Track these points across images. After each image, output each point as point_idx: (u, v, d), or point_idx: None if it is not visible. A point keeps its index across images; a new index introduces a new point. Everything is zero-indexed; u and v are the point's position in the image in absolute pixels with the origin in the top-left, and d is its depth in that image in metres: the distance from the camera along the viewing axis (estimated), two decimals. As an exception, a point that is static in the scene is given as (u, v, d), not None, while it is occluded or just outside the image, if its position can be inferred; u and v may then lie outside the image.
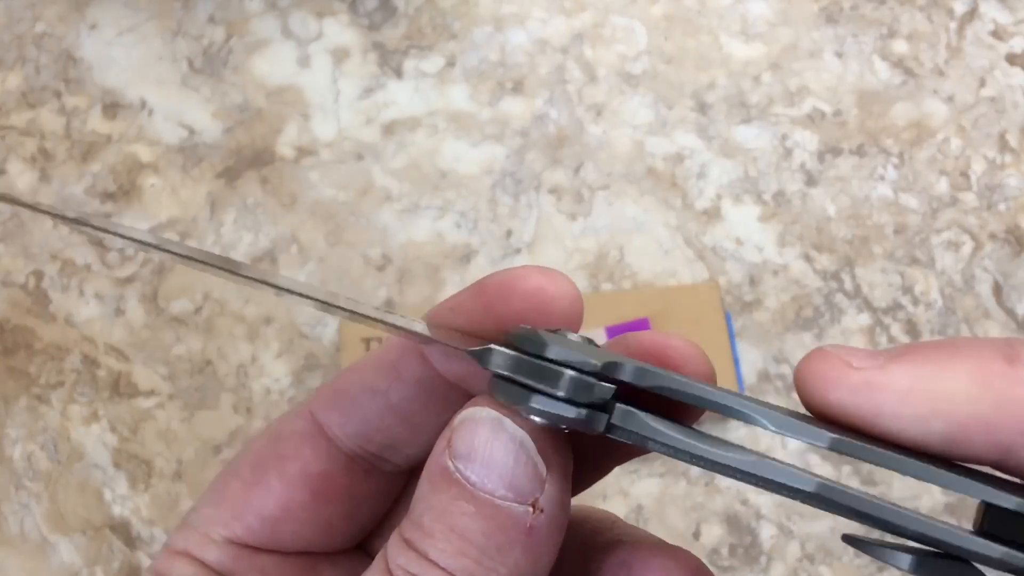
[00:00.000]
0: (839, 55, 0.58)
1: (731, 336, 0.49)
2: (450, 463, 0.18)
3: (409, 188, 0.55)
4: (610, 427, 0.18)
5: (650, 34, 0.59)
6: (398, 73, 0.58)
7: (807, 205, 0.54)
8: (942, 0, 0.59)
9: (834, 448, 0.17)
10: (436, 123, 0.57)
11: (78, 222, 0.21)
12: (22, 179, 0.56)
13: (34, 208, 0.22)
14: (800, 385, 0.17)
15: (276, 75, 0.59)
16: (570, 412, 0.17)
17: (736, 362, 0.49)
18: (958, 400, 0.16)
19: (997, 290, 0.51)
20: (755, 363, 0.50)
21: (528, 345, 0.18)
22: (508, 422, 0.18)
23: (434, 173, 0.55)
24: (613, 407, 0.18)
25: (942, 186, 0.54)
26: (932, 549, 0.16)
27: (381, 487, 0.22)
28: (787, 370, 0.50)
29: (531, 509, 0.18)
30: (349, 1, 0.61)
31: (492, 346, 0.18)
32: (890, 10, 0.59)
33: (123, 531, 0.48)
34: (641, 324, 0.49)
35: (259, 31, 0.60)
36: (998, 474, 0.17)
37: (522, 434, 0.18)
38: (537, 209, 0.54)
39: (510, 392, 0.18)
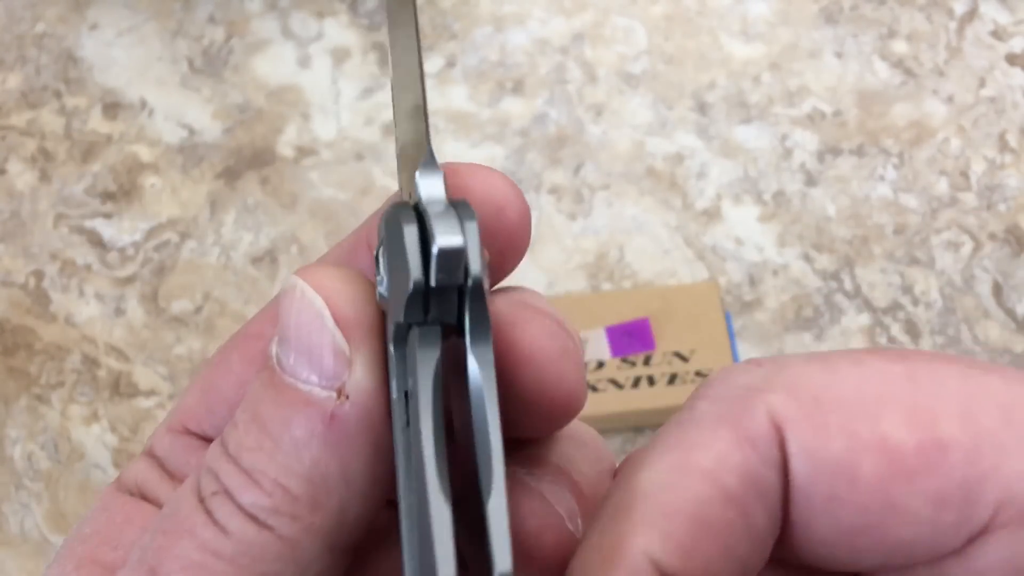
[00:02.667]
0: (839, 55, 0.58)
1: (731, 336, 0.49)
2: (274, 346, 0.17)
3: (409, 188, 0.55)
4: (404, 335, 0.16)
5: (650, 34, 0.59)
6: (398, 73, 0.58)
7: (807, 205, 0.54)
8: (942, 0, 0.59)
9: None
10: (436, 123, 0.57)
11: None
12: (22, 179, 0.56)
13: None
14: None
15: (276, 75, 0.59)
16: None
17: (737, 362, 0.49)
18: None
19: (997, 290, 0.51)
20: (755, 363, 0.50)
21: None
22: (307, 288, 0.16)
23: (434, 173, 0.55)
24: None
25: (942, 186, 0.54)
26: None
27: None
28: (787, 370, 0.50)
29: (335, 395, 0.16)
30: (349, 1, 0.61)
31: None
32: (890, 10, 0.59)
33: (123, 531, 0.48)
34: (641, 324, 0.49)
35: (259, 31, 0.60)
36: None
37: (319, 301, 0.16)
38: (537, 209, 0.54)
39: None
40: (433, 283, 0.15)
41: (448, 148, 0.56)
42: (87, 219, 0.55)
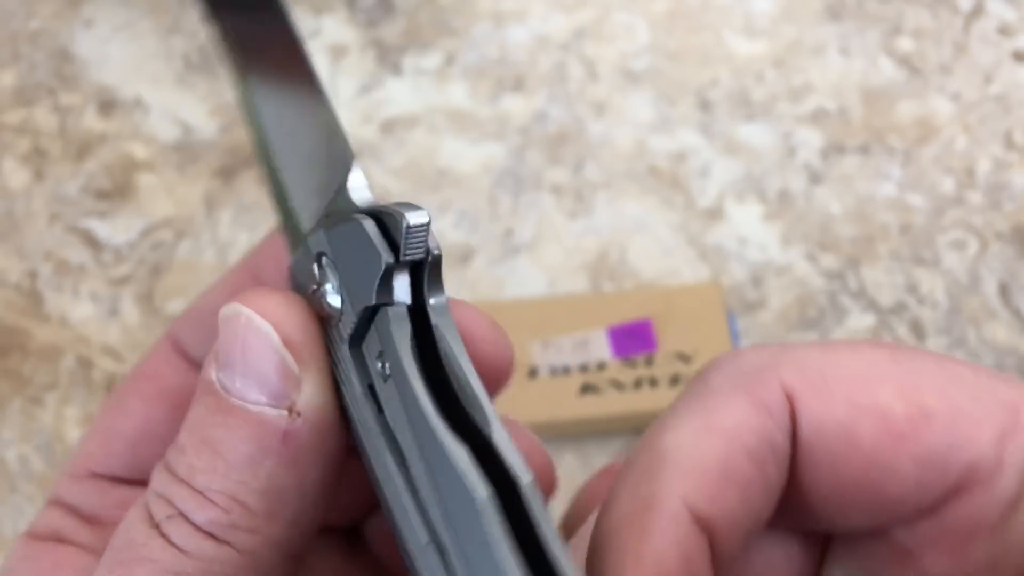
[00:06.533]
0: (843, 52, 0.58)
1: (734, 337, 0.49)
2: (213, 372, 0.17)
3: (408, 187, 0.54)
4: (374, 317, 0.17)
5: (652, 31, 0.59)
6: (396, 70, 0.58)
7: (811, 204, 0.53)
8: (947, -4, 0.59)
9: None
10: (435, 121, 0.56)
11: None
12: (15, 178, 0.56)
13: None
14: None
15: (273, 72, 0.58)
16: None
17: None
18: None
19: (1003, 290, 0.51)
20: (758, 364, 0.49)
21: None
22: (252, 314, 0.17)
23: (433, 172, 0.55)
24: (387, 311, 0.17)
25: (948, 185, 0.54)
26: None
27: None
28: (791, 371, 0.49)
29: (286, 413, 0.17)
30: (347, -3, 0.60)
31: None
32: (895, 7, 0.59)
33: (118, 535, 0.47)
34: (643, 325, 0.48)
35: (256, 28, 0.59)
36: None
37: (266, 326, 0.17)
38: (537, 208, 0.53)
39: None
40: (403, 259, 0.16)
41: (447, 146, 0.55)
42: (81, 218, 0.54)
